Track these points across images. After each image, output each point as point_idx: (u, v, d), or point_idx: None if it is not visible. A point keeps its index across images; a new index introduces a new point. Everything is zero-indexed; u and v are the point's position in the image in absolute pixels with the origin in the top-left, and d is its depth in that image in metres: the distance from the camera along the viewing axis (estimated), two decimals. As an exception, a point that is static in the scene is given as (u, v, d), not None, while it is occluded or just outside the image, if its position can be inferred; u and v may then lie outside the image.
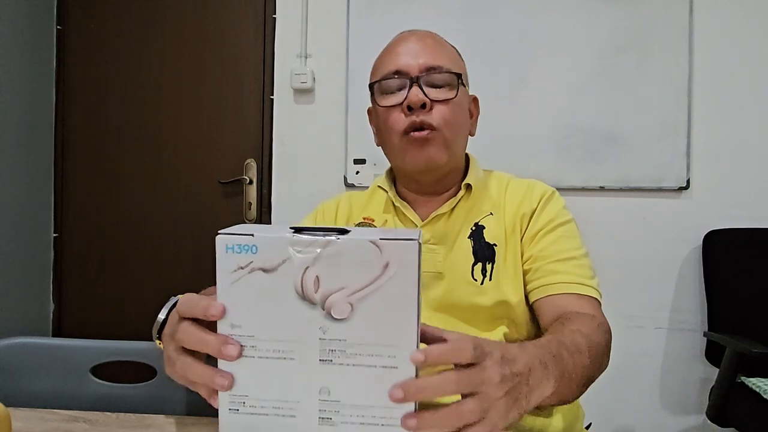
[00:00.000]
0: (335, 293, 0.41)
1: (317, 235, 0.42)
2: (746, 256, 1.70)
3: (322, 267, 0.41)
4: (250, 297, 0.43)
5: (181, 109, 2.09)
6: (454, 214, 0.84)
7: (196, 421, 0.62)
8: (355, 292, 0.41)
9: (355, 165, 1.96)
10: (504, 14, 1.89)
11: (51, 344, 0.84)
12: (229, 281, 0.43)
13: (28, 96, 2.03)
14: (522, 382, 0.45)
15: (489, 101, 1.97)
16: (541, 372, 0.48)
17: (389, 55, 0.83)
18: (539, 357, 0.49)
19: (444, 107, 0.79)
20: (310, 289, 0.42)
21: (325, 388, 0.43)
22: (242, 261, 0.43)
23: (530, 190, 0.85)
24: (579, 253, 0.79)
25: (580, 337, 0.60)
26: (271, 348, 0.43)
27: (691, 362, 1.80)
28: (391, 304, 0.41)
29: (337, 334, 0.42)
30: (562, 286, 0.75)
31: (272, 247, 0.42)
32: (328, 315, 0.42)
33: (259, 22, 2.05)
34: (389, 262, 0.40)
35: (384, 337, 0.41)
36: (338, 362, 0.42)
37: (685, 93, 1.81)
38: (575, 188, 1.85)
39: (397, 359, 0.41)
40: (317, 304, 0.42)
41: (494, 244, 0.81)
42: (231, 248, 0.43)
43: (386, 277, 0.41)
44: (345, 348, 0.42)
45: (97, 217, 2.14)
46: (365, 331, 0.41)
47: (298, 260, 0.42)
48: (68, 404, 0.72)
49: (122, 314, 2.09)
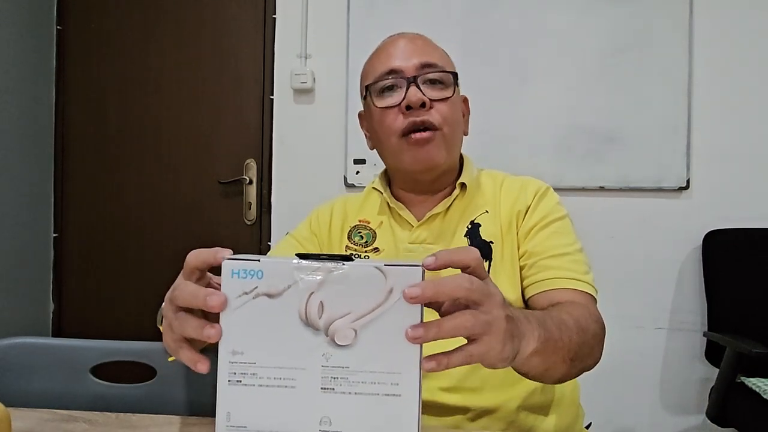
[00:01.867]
0: (339, 319, 0.42)
1: (322, 261, 0.42)
2: (746, 256, 1.70)
3: (327, 293, 0.42)
4: (253, 323, 0.43)
5: (181, 109, 2.09)
6: (449, 213, 0.84)
7: (197, 421, 0.62)
8: (359, 318, 0.41)
9: (355, 165, 1.96)
10: (504, 14, 1.89)
11: (51, 344, 0.84)
12: (233, 307, 0.43)
13: (28, 96, 2.03)
14: (516, 324, 0.46)
15: (489, 101, 1.99)
16: (526, 325, 0.49)
17: (381, 57, 0.83)
18: (523, 313, 0.51)
19: (443, 105, 0.79)
20: (314, 315, 0.42)
21: (326, 418, 0.43)
22: (247, 286, 0.43)
23: (524, 187, 0.85)
24: (573, 248, 0.79)
25: (567, 316, 0.61)
26: (273, 375, 0.43)
27: (691, 362, 1.80)
28: (394, 330, 0.41)
29: (340, 361, 0.42)
30: (556, 281, 0.75)
31: (277, 272, 0.42)
32: (332, 341, 0.42)
33: (259, 22, 2.05)
34: (393, 288, 0.41)
35: (387, 364, 0.42)
36: (340, 391, 0.42)
37: (685, 93, 1.81)
38: (575, 188, 1.85)
39: (400, 387, 0.42)
40: (321, 330, 0.42)
41: (491, 242, 0.81)
42: (237, 273, 0.43)
43: (390, 303, 0.41)
44: (347, 375, 0.42)
45: (97, 217, 2.14)
46: (368, 357, 0.42)
47: (303, 285, 0.42)
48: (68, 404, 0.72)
49: (122, 314, 2.09)
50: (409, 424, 0.42)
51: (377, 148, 0.87)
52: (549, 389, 0.78)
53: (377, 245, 0.84)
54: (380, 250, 0.84)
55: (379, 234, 0.85)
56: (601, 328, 0.68)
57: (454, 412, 0.73)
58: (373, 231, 0.86)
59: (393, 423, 0.42)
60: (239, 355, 0.43)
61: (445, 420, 0.74)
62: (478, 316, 0.42)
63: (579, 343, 0.60)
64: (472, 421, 0.73)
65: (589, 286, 0.76)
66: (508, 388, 0.74)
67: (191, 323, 0.44)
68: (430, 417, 0.74)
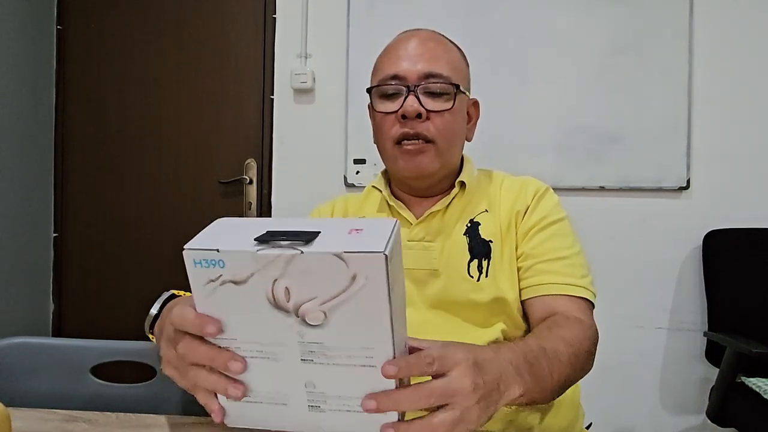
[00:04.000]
0: (307, 303, 0.41)
1: (282, 246, 0.40)
2: (746, 256, 1.70)
3: (290, 279, 0.40)
4: (225, 307, 0.43)
5: (181, 108, 2.09)
6: (448, 211, 0.84)
7: (196, 421, 0.62)
8: (327, 302, 0.40)
9: (355, 165, 1.96)
10: (504, 14, 1.89)
11: (51, 344, 0.84)
12: (203, 294, 0.43)
13: (29, 96, 2.03)
14: (494, 389, 0.46)
15: (489, 101, 1.97)
16: (513, 377, 0.49)
17: (389, 57, 0.82)
18: (513, 361, 0.51)
19: (439, 118, 0.79)
20: (282, 299, 0.41)
21: (310, 382, 0.44)
22: (212, 275, 0.42)
23: (524, 187, 0.85)
24: (571, 251, 0.79)
25: (563, 346, 0.61)
26: (254, 349, 0.44)
27: (691, 362, 1.80)
28: (363, 313, 0.40)
29: (314, 338, 0.42)
30: (552, 287, 0.76)
31: (238, 261, 0.41)
32: (303, 321, 0.41)
33: (259, 22, 2.05)
34: (356, 274, 0.39)
35: (360, 342, 0.41)
36: (319, 362, 0.43)
37: (685, 93, 1.80)
38: (575, 188, 1.85)
39: (374, 359, 0.41)
40: (291, 312, 0.41)
41: (490, 241, 0.81)
42: (199, 263, 0.42)
43: (355, 288, 0.39)
44: (324, 350, 0.42)
45: (97, 217, 2.14)
46: (341, 336, 0.41)
47: (266, 273, 0.41)
48: (68, 404, 0.72)
49: (122, 314, 2.09)
50: (387, 387, 0.42)
51: (377, 146, 0.87)
52: (549, 389, 0.78)
53: None
54: None
55: (379, 232, 0.85)
56: (593, 342, 0.69)
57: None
58: None
59: (372, 386, 0.43)
60: (221, 333, 0.44)
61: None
62: (448, 415, 0.42)
63: (569, 374, 0.61)
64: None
65: (585, 291, 0.76)
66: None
67: (210, 379, 0.45)
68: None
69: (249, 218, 0.49)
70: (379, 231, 0.41)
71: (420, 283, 0.81)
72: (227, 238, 0.43)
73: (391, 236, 0.40)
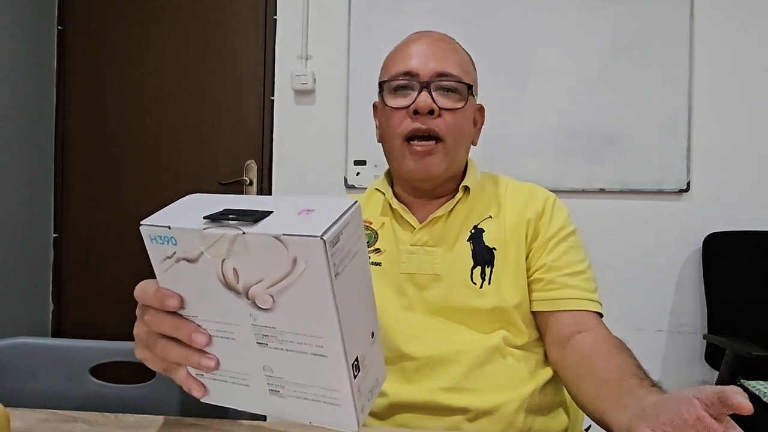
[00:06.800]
0: (255, 285, 0.40)
1: (228, 226, 0.39)
2: (746, 258, 1.70)
3: (237, 260, 0.40)
4: (182, 285, 0.43)
5: (181, 109, 2.09)
6: (452, 216, 0.84)
7: (195, 422, 0.62)
8: (273, 285, 0.39)
9: (355, 166, 1.96)
10: (504, 15, 1.89)
11: (51, 344, 0.84)
12: (162, 269, 0.43)
13: (29, 96, 2.03)
14: None
15: (489, 103, 1.97)
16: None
17: (401, 54, 0.82)
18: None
19: (451, 116, 0.78)
20: (232, 280, 0.41)
21: (267, 366, 0.44)
22: (167, 251, 0.42)
23: (532, 194, 0.85)
24: (584, 265, 0.81)
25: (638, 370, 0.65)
26: (214, 328, 0.44)
27: (691, 365, 1.80)
28: (308, 298, 0.39)
29: (266, 321, 0.41)
30: (573, 302, 0.77)
31: (187, 239, 0.41)
32: (254, 304, 0.41)
33: (259, 23, 2.05)
34: (297, 257, 0.37)
35: (308, 328, 0.40)
36: (273, 346, 0.42)
37: (686, 95, 1.81)
38: (575, 190, 1.85)
39: (324, 348, 0.40)
40: (242, 294, 0.41)
41: (494, 248, 0.80)
42: (154, 239, 0.42)
43: (298, 272, 0.38)
44: (276, 335, 0.41)
45: (97, 217, 2.14)
46: (290, 320, 0.40)
47: (213, 252, 0.40)
48: (67, 404, 0.72)
49: (122, 314, 2.08)
50: (340, 380, 0.41)
51: (383, 144, 0.87)
52: (548, 392, 0.78)
53: (379, 246, 0.84)
54: (382, 251, 0.84)
55: (381, 235, 0.85)
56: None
57: (454, 413, 0.73)
58: (375, 232, 0.85)
59: (325, 377, 0.42)
60: (182, 310, 0.44)
61: (445, 420, 0.73)
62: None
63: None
64: (471, 422, 0.73)
65: (598, 305, 0.78)
66: (508, 389, 0.74)
67: (179, 351, 0.45)
68: (429, 417, 0.74)
69: (221, 195, 0.48)
70: (329, 213, 0.39)
71: (421, 288, 0.80)
72: (184, 215, 0.42)
73: (340, 219, 0.38)
